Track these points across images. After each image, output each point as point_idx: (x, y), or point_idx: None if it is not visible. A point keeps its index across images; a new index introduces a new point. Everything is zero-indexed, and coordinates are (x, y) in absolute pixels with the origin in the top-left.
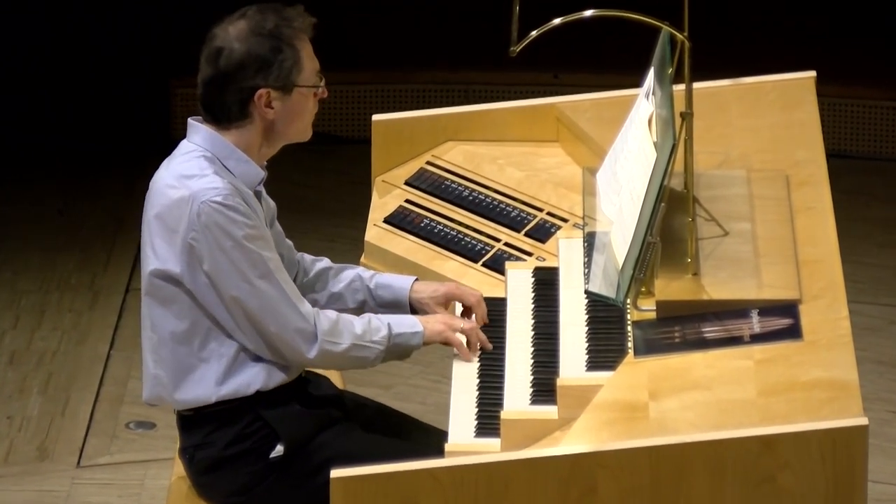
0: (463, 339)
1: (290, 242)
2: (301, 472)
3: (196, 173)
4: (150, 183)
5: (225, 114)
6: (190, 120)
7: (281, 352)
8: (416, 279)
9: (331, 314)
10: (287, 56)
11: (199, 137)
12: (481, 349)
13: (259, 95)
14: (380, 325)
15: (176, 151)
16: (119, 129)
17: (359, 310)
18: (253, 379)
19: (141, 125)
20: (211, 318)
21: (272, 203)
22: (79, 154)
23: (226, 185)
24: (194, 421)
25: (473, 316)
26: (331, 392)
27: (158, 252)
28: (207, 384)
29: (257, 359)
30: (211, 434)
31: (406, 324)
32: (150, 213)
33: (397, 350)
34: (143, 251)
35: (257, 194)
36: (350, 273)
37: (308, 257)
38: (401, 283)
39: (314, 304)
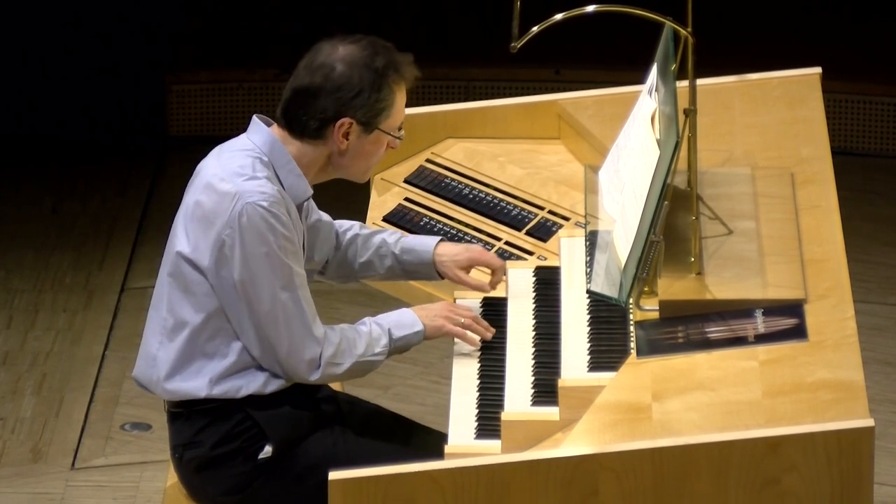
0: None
1: (327, 218)
2: (291, 475)
3: (249, 174)
4: (197, 168)
5: (301, 126)
6: (255, 117)
7: (284, 371)
8: (441, 240)
9: (334, 337)
10: (383, 97)
11: (259, 138)
12: (482, 341)
13: (342, 123)
14: (380, 334)
15: (230, 144)
16: (113, 125)
17: (388, 275)
18: (248, 384)
19: (136, 122)
20: (225, 317)
21: (314, 217)
22: (73, 151)
23: (275, 192)
24: (183, 418)
25: (489, 282)
26: (324, 393)
27: (191, 237)
28: (202, 380)
29: (258, 367)
30: (200, 433)
31: (406, 324)
32: (191, 198)
33: (397, 350)
34: (174, 230)
35: (298, 209)
36: (377, 239)
37: (339, 227)
38: (424, 245)
39: (349, 275)
